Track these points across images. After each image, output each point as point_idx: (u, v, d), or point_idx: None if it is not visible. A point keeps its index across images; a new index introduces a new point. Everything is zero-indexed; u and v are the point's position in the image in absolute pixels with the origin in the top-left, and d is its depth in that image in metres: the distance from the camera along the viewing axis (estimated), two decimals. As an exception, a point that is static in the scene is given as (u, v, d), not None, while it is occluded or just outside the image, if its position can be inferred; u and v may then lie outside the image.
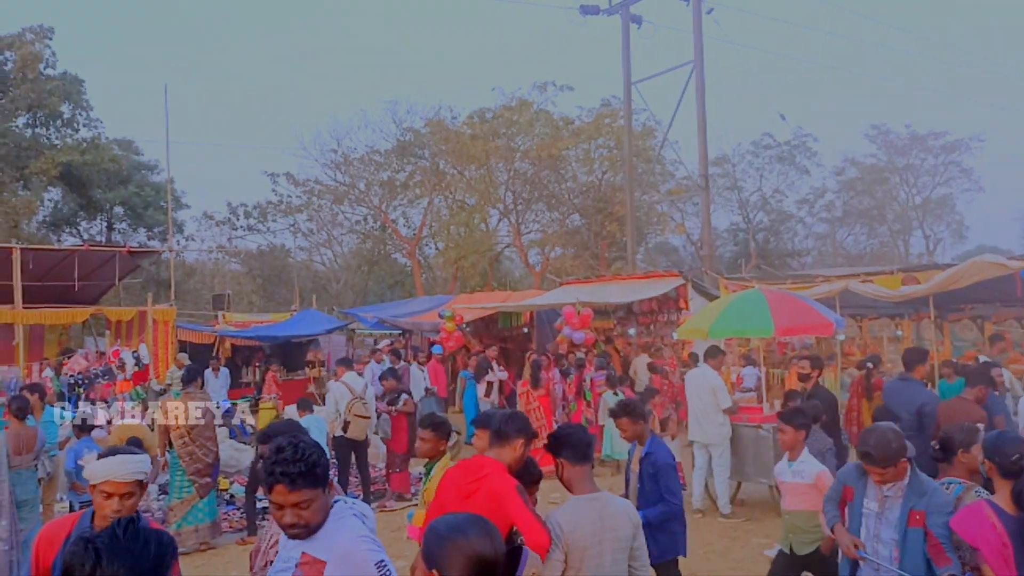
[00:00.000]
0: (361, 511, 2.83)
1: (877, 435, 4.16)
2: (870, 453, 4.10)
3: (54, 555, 3.00)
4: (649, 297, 15.83)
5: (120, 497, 3.09)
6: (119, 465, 3.13)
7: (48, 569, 3.00)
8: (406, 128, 33.50)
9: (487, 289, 30.12)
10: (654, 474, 5.18)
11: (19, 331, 17.12)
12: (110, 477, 3.09)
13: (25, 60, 25.30)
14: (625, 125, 22.54)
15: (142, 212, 30.42)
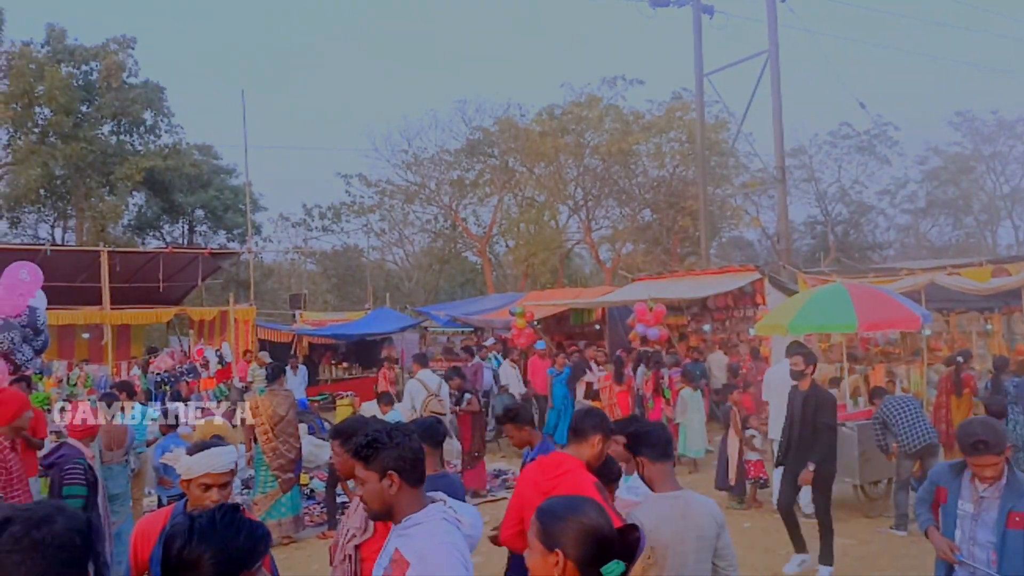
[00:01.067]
0: (457, 515, 2.77)
1: (980, 423, 3.99)
2: (984, 440, 3.88)
3: (151, 548, 3.04)
4: (724, 292, 15.54)
5: (219, 488, 3.19)
6: (216, 458, 3.23)
7: (145, 562, 3.06)
8: (475, 127, 33.67)
9: (557, 286, 30.08)
10: None
11: (107, 331, 17.80)
12: (209, 470, 3.18)
13: (109, 70, 26.24)
14: (697, 118, 22.17)
15: (222, 215, 31.29)
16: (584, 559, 2.17)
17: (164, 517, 3.22)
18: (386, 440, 2.78)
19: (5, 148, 27.20)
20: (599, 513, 2.27)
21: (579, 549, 2.18)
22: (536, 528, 2.28)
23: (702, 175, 21.96)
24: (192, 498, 3.22)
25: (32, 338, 6.99)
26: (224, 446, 3.34)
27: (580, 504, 2.30)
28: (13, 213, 28.46)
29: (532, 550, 2.29)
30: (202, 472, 3.18)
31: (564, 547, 2.18)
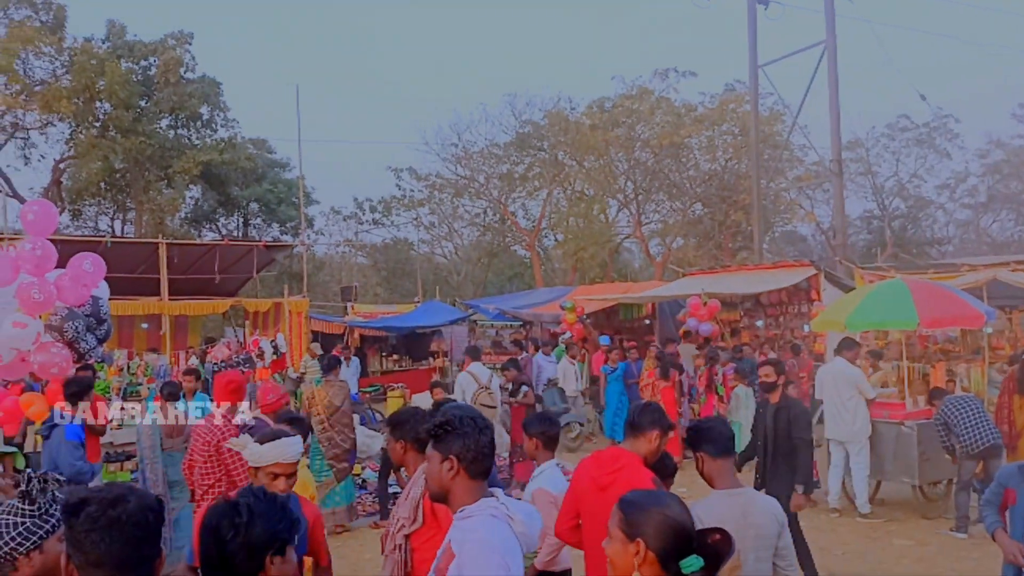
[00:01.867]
0: (510, 512, 2.73)
1: None
2: None
3: None
4: (778, 288, 15.30)
5: (286, 477, 3.25)
6: (285, 448, 3.29)
7: None
8: (525, 120, 33.64)
9: (607, 280, 29.94)
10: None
11: (166, 321, 18.18)
12: (279, 459, 3.25)
13: (167, 65, 26.78)
14: (751, 110, 21.86)
15: (275, 208, 31.75)
16: (664, 551, 2.20)
17: None
18: (457, 425, 2.81)
19: (67, 142, 27.95)
20: (682, 508, 2.29)
21: (660, 540, 2.20)
22: (618, 518, 2.31)
23: (756, 168, 21.64)
24: (256, 482, 3.27)
25: (95, 327, 7.14)
26: (292, 436, 3.38)
27: (664, 497, 2.34)
28: (75, 205, 29.24)
29: (612, 539, 2.32)
30: (272, 461, 3.24)
31: (646, 537, 2.22)
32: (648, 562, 2.19)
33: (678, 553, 2.17)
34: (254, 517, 2.23)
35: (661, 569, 2.18)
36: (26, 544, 2.42)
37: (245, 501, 2.27)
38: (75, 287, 6.73)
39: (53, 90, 24.92)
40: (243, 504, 2.25)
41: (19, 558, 2.42)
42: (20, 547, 2.42)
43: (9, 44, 24.27)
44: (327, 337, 20.47)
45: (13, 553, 2.42)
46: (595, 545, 3.80)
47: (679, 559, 2.16)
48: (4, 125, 26.39)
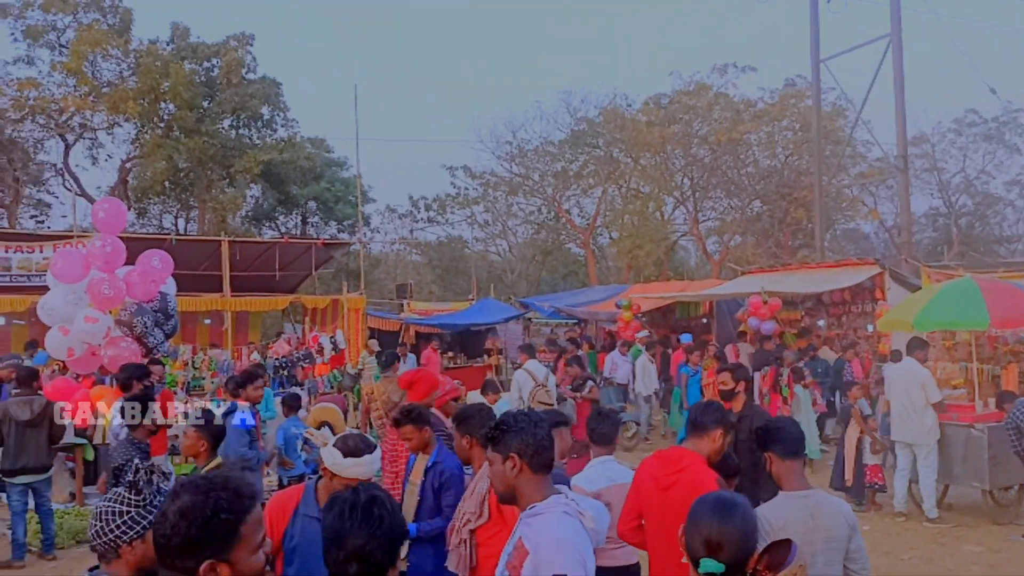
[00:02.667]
0: (580, 508, 2.75)
1: None
2: None
3: (285, 525, 3.19)
4: (842, 287, 14.95)
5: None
6: (367, 466, 3.37)
7: (279, 538, 3.18)
8: (580, 118, 33.51)
9: (662, 278, 29.66)
10: (439, 486, 4.59)
11: (228, 317, 18.57)
12: (359, 476, 3.27)
13: (229, 66, 27.32)
14: (813, 105, 21.42)
15: (333, 206, 32.17)
16: (690, 549, 2.32)
17: (297, 494, 3.33)
18: (512, 424, 2.84)
19: (133, 142, 28.70)
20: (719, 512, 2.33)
21: (689, 538, 2.33)
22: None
23: (818, 165, 21.21)
24: (331, 487, 3.28)
25: (163, 323, 7.34)
26: (372, 452, 3.47)
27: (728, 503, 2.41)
28: (140, 204, 30.01)
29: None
30: (352, 476, 3.28)
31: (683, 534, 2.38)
32: (685, 553, 2.36)
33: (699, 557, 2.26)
34: (395, 512, 2.23)
35: (691, 563, 2.32)
36: (130, 533, 2.48)
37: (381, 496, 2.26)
38: (144, 283, 6.92)
39: (120, 91, 25.61)
40: (383, 498, 2.25)
41: (122, 546, 2.48)
42: (124, 536, 2.48)
43: (78, 47, 25.02)
44: (383, 334, 20.68)
45: (117, 541, 2.48)
46: (657, 544, 3.76)
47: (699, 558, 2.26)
48: (73, 126, 27.16)
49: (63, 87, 25.97)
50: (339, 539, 2.14)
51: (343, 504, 2.20)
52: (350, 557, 2.12)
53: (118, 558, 2.50)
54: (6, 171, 25.21)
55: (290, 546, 3.19)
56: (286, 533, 3.21)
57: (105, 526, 2.50)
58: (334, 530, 2.17)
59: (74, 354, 6.93)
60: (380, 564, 2.15)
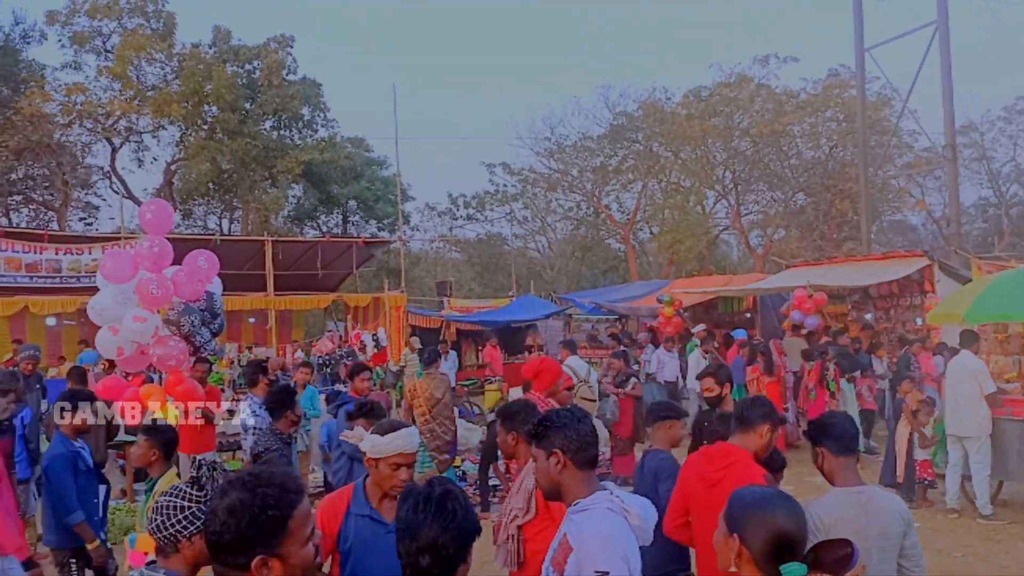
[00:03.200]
0: (625, 505, 2.72)
1: None
2: None
3: (338, 527, 3.15)
4: (889, 280, 14.65)
5: (407, 467, 3.20)
6: (407, 438, 3.25)
7: (334, 538, 3.14)
8: (619, 112, 33.31)
9: (704, 273, 29.38)
10: None
11: (272, 316, 18.82)
12: (401, 449, 3.18)
13: (270, 68, 27.65)
14: (858, 95, 21.04)
15: (373, 205, 32.42)
16: (760, 552, 2.12)
17: (347, 495, 3.27)
18: (556, 420, 2.84)
19: (178, 145, 29.20)
20: (788, 511, 2.19)
21: (755, 541, 2.13)
22: (725, 509, 2.27)
23: (863, 156, 20.82)
24: (379, 477, 3.21)
25: (210, 322, 7.41)
26: (409, 427, 3.38)
27: (771, 499, 2.24)
28: (185, 205, 30.53)
29: (719, 528, 2.28)
30: (394, 452, 3.18)
31: (743, 534, 2.16)
32: (744, 559, 2.15)
33: (776, 557, 2.09)
34: (468, 508, 2.24)
35: (756, 569, 2.13)
36: (190, 528, 2.52)
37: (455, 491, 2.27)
38: (191, 283, 7.00)
39: (164, 95, 26.05)
40: (457, 493, 2.26)
41: (181, 541, 2.53)
42: (184, 530, 2.53)
43: (123, 52, 25.50)
44: (424, 331, 20.77)
45: (177, 535, 2.52)
46: (705, 541, 3.71)
47: (778, 562, 2.08)
48: (120, 129, 27.70)
49: (109, 91, 26.50)
50: (412, 531, 2.16)
51: (417, 497, 2.22)
52: (422, 549, 2.14)
53: (176, 552, 2.54)
54: (55, 175, 25.81)
55: (345, 547, 3.14)
56: (339, 535, 3.16)
57: (166, 520, 2.54)
58: (408, 522, 2.19)
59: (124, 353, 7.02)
60: (451, 558, 2.16)
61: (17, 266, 16.43)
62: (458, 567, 2.18)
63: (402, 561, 2.18)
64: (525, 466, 3.73)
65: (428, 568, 2.15)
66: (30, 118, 23.01)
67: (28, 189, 27.26)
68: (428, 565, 2.14)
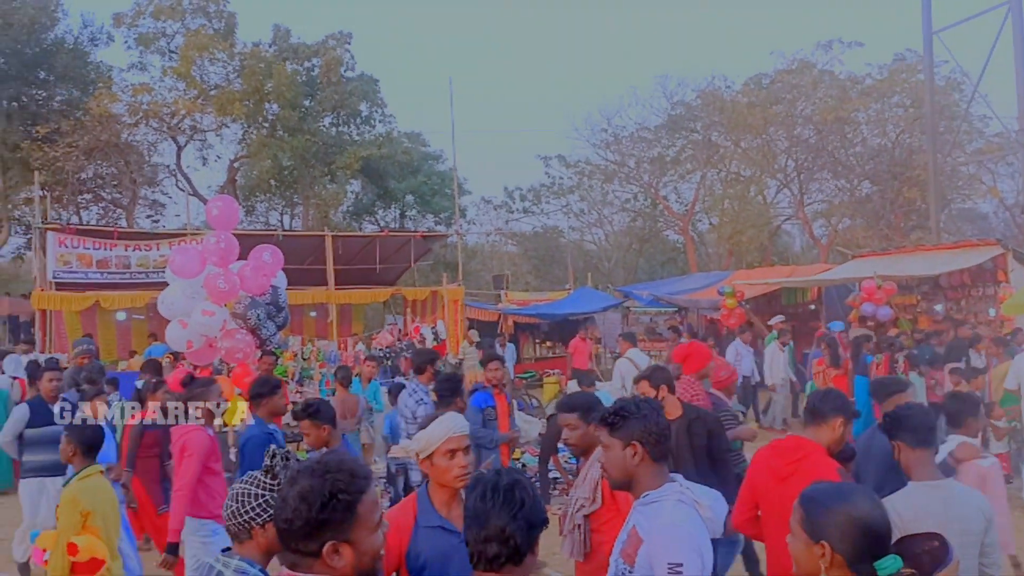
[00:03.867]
0: (696, 497, 2.69)
1: None
2: None
3: (407, 543, 2.95)
4: (960, 269, 14.19)
5: (464, 451, 3.02)
6: (453, 420, 3.10)
7: (401, 555, 2.95)
8: (677, 102, 32.85)
9: (765, 264, 28.86)
10: None
11: (332, 310, 19.08)
12: (451, 433, 3.02)
13: (329, 65, 27.97)
14: (925, 79, 20.40)
15: (429, 199, 32.64)
16: (853, 553, 2.04)
17: (412, 507, 3.07)
18: (634, 410, 2.81)
19: (240, 142, 29.78)
20: (871, 504, 2.12)
21: (847, 542, 2.05)
22: (799, 516, 2.18)
23: (932, 142, 20.20)
24: (437, 473, 3.01)
25: (275, 315, 7.57)
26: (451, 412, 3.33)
27: (851, 493, 2.17)
28: (248, 202, 31.12)
29: (795, 538, 2.19)
30: (442, 439, 3.02)
31: (831, 539, 2.06)
32: (836, 565, 2.05)
33: (869, 554, 2.02)
34: (536, 498, 2.24)
35: (849, 571, 2.04)
36: (263, 516, 2.55)
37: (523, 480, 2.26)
38: (256, 277, 7.14)
39: (226, 93, 26.56)
40: (525, 483, 2.25)
41: (255, 528, 2.57)
42: (257, 518, 2.57)
43: (187, 52, 26.08)
44: (481, 324, 20.84)
45: (251, 522, 2.57)
46: (775, 536, 3.64)
47: (871, 560, 2.00)
48: (184, 128, 28.33)
49: (174, 91, 27.11)
50: (480, 519, 2.16)
51: (485, 485, 2.21)
52: (490, 538, 2.13)
53: (250, 539, 2.58)
54: (123, 173, 26.54)
55: (417, 564, 2.91)
56: (409, 552, 2.94)
57: (240, 507, 2.58)
58: (475, 510, 2.18)
59: (192, 346, 7.22)
60: (519, 548, 2.14)
61: (88, 262, 16.92)
62: (525, 557, 2.17)
63: (469, 549, 2.17)
64: (591, 456, 3.70)
65: (495, 557, 2.13)
66: (99, 118, 23.67)
67: (97, 188, 28.05)
68: (495, 554, 2.13)
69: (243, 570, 2.49)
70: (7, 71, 22.96)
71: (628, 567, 2.69)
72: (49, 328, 16.25)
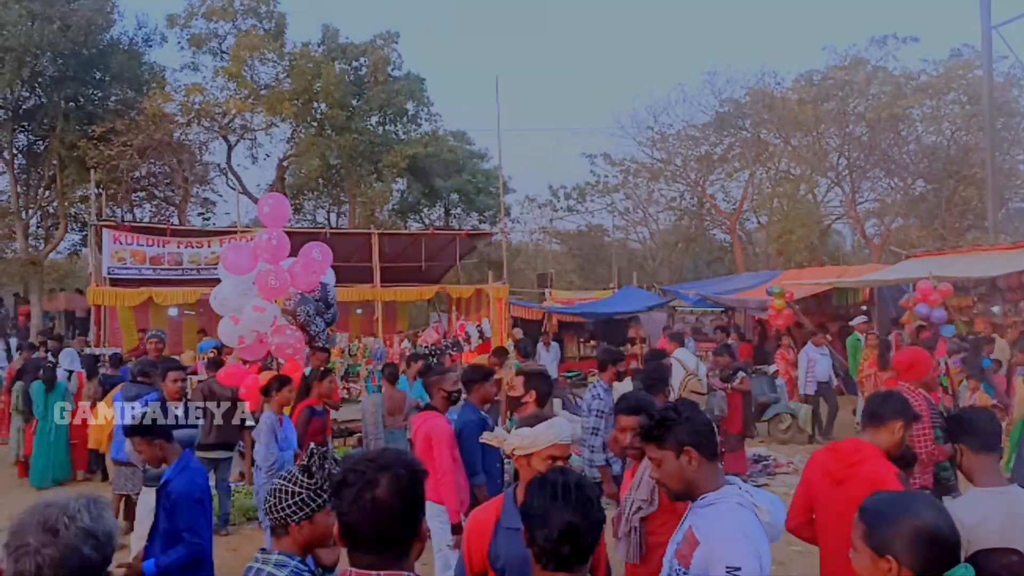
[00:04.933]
0: (755, 500, 2.63)
1: None
2: None
3: (487, 544, 2.94)
4: (1019, 270, 13.79)
5: (563, 460, 3.00)
6: (562, 428, 3.08)
7: (484, 556, 2.94)
8: (725, 99, 32.43)
9: (815, 264, 28.37)
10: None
11: (378, 307, 19.24)
12: (557, 440, 3.02)
13: (376, 64, 28.19)
14: (984, 76, 19.84)
15: (474, 198, 32.73)
16: (922, 566, 1.97)
17: (496, 508, 3.05)
18: (675, 416, 2.74)
19: (289, 141, 30.18)
20: (936, 512, 2.05)
21: (916, 556, 1.98)
22: (862, 530, 2.11)
23: (990, 139, 19.66)
24: (532, 475, 2.91)
25: (324, 312, 7.64)
26: (560, 417, 3.26)
27: (913, 502, 2.09)
28: (296, 200, 31.51)
29: (859, 553, 2.12)
30: (548, 443, 3.00)
31: (897, 553, 2.00)
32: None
33: (939, 565, 1.94)
34: (598, 497, 2.25)
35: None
36: (299, 514, 2.61)
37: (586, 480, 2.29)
38: (306, 274, 7.21)
39: (276, 93, 26.92)
40: (587, 483, 2.27)
41: (291, 525, 2.62)
42: (294, 515, 2.61)
43: (238, 52, 26.49)
44: (526, 323, 20.83)
45: (287, 519, 2.62)
46: (830, 540, 3.58)
47: (940, 570, 1.93)
48: (235, 127, 28.77)
49: (225, 91, 27.55)
50: (552, 518, 2.14)
51: (554, 483, 2.20)
52: (564, 537, 2.11)
53: (287, 535, 2.63)
54: (176, 172, 27.06)
55: (498, 566, 2.89)
56: (490, 553, 2.92)
57: (278, 503, 2.62)
58: (546, 509, 2.16)
59: (244, 342, 7.31)
60: (588, 546, 2.15)
61: (142, 259, 17.28)
62: (589, 556, 2.17)
63: (537, 548, 2.15)
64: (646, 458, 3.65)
65: (568, 556, 2.12)
66: (152, 118, 24.15)
67: (151, 186, 28.63)
68: (568, 553, 2.12)
69: (283, 563, 2.54)
70: (65, 72, 23.53)
71: (683, 568, 2.65)
72: (104, 323, 16.65)
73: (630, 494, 3.63)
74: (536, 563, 2.16)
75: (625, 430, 3.79)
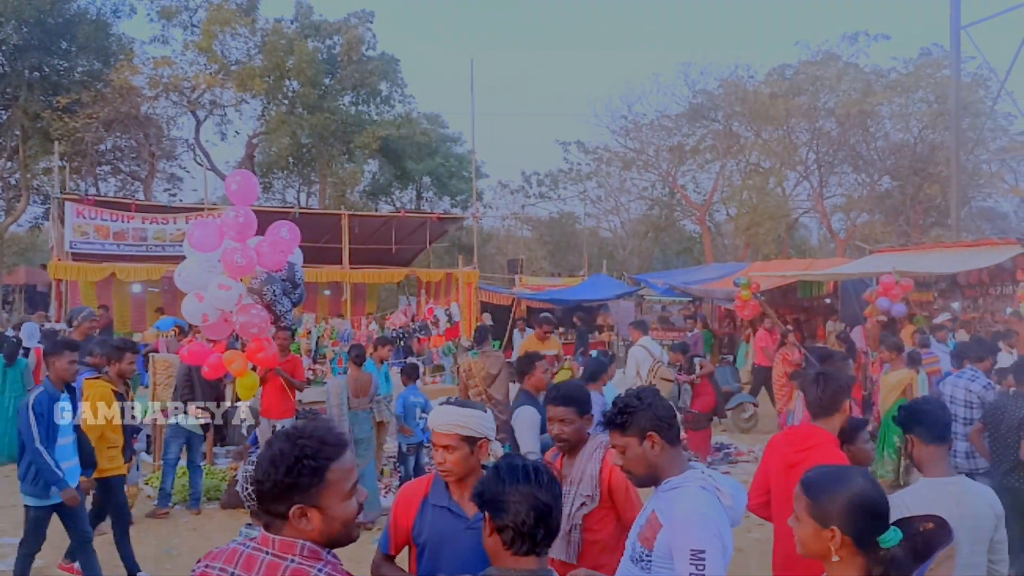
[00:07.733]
0: (717, 484, 2.69)
1: None
2: None
3: (412, 517, 2.97)
4: (979, 267, 14.08)
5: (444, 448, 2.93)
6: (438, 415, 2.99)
7: (408, 529, 2.98)
8: (699, 90, 32.62)
9: (782, 257, 28.71)
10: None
11: (347, 288, 19.14)
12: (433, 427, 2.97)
13: (350, 43, 27.92)
14: (952, 75, 20.15)
15: (446, 181, 32.60)
16: (860, 532, 2.08)
17: (425, 485, 3.06)
18: (637, 403, 2.78)
19: (259, 119, 29.82)
20: (868, 482, 2.15)
21: (854, 523, 2.09)
22: (805, 503, 2.19)
23: (956, 139, 19.98)
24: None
25: (291, 291, 7.56)
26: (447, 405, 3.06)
27: (848, 475, 2.19)
28: (265, 179, 31.18)
29: (802, 523, 2.20)
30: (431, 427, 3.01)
31: (839, 523, 2.10)
32: (845, 546, 2.10)
33: (874, 531, 2.06)
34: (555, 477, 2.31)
35: (857, 549, 2.08)
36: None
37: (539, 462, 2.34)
38: (273, 253, 7.13)
39: (247, 69, 26.58)
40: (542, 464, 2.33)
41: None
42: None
43: (209, 26, 26.10)
44: (495, 308, 20.84)
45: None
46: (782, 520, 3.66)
47: (876, 535, 2.04)
48: (204, 103, 28.40)
49: (195, 65, 27.16)
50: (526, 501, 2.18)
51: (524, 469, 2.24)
52: (539, 520, 2.17)
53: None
54: (142, 146, 26.64)
55: (420, 541, 2.93)
56: (414, 526, 2.95)
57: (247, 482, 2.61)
58: (519, 493, 2.19)
59: (208, 320, 7.22)
60: (557, 527, 2.23)
61: (106, 234, 17.02)
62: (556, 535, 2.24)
63: (510, 533, 2.17)
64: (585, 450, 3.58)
65: (543, 539, 2.18)
66: (119, 90, 23.75)
67: (116, 160, 28.19)
68: (543, 536, 2.18)
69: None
70: (29, 40, 23.01)
71: (646, 551, 2.69)
72: (65, 298, 16.39)
73: (571, 489, 3.47)
74: (506, 549, 2.17)
75: (553, 420, 3.61)
